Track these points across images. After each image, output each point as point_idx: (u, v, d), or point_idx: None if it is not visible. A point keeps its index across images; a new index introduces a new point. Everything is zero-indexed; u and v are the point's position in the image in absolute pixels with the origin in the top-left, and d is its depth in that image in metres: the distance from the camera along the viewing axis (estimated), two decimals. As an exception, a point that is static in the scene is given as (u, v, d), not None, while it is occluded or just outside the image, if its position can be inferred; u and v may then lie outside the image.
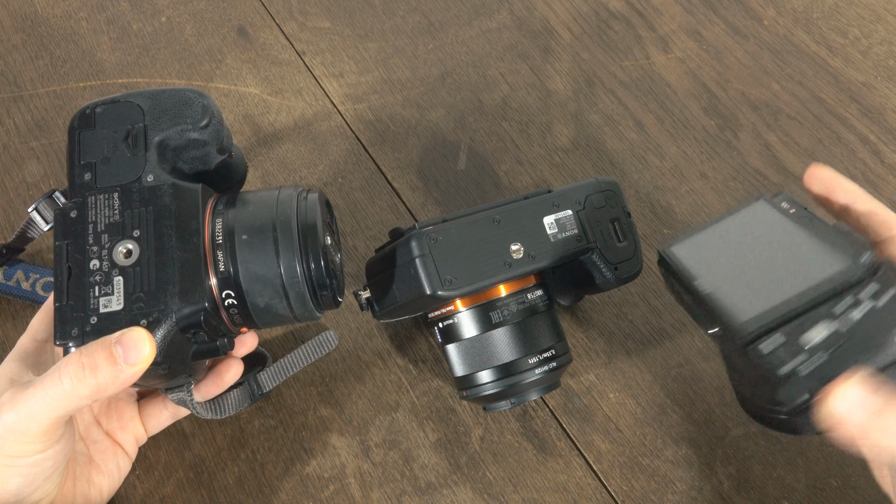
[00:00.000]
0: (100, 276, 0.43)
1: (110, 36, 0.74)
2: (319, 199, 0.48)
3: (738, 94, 0.69)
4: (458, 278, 0.48)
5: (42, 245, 0.63)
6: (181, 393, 0.48)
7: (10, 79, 0.71)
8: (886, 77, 0.69)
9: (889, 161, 0.65)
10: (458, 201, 0.65)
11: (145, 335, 0.41)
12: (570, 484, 0.54)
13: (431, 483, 0.54)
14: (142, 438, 0.53)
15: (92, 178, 0.45)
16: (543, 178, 0.65)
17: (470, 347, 0.51)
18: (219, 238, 0.45)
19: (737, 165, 0.65)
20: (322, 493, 0.54)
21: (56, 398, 0.41)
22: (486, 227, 0.49)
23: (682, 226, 0.63)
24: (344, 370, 0.58)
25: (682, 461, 0.54)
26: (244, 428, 0.56)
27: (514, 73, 0.71)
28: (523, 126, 0.68)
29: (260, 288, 0.45)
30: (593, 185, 0.53)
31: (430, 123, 0.68)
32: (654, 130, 0.67)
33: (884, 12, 0.73)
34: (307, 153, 0.67)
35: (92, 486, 0.49)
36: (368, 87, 0.70)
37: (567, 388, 0.57)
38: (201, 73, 0.71)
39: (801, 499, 0.52)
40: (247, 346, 0.53)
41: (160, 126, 0.46)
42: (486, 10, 0.75)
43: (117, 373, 0.40)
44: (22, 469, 0.43)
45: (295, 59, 0.72)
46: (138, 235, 0.44)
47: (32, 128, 0.69)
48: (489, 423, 0.56)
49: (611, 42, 0.72)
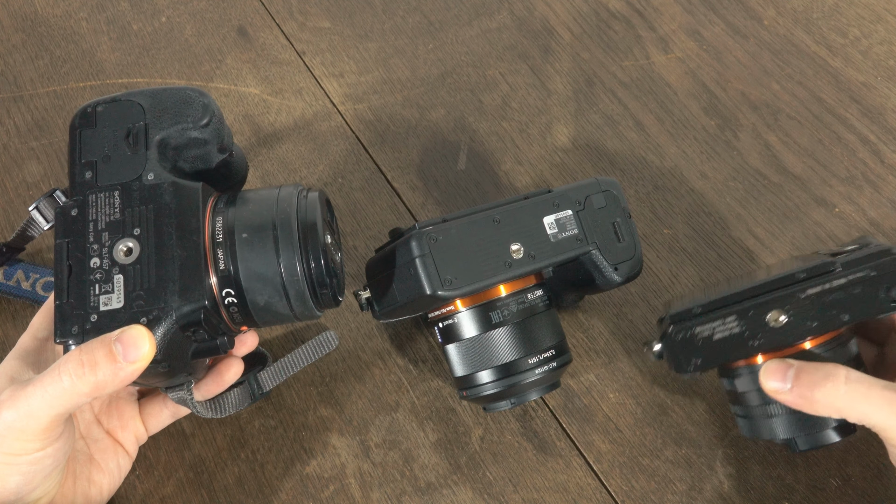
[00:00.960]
0: (100, 274, 0.43)
1: (110, 36, 0.74)
2: (320, 197, 0.48)
3: (738, 94, 0.69)
4: (459, 278, 0.48)
5: (42, 245, 0.63)
6: (181, 392, 0.48)
7: (10, 79, 0.71)
8: (886, 77, 0.69)
9: (889, 161, 0.65)
10: (458, 201, 0.65)
11: (145, 333, 0.41)
12: (570, 484, 0.54)
13: (431, 483, 0.54)
14: (142, 437, 0.53)
15: (93, 176, 0.45)
16: (543, 178, 0.65)
17: (470, 347, 0.51)
18: (219, 236, 0.45)
19: (737, 165, 0.65)
20: (322, 493, 0.54)
21: (56, 396, 0.41)
22: (486, 227, 0.49)
23: (683, 226, 0.63)
24: (344, 370, 0.58)
25: (682, 461, 0.54)
26: (244, 428, 0.56)
27: (514, 73, 0.71)
28: (523, 126, 0.68)
29: (260, 286, 0.45)
30: (593, 185, 0.53)
31: (430, 123, 0.68)
32: (654, 130, 0.67)
33: (884, 12, 0.73)
34: (307, 153, 0.67)
35: (92, 484, 0.49)
36: (368, 87, 0.71)
37: (567, 388, 0.57)
38: (201, 73, 0.72)
39: (801, 499, 0.52)
40: (247, 346, 0.53)
41: (161, 125, 0.46)
42: (486, 10, 0.75)
43: (117, 370, 0.40)
44: (21, 467, 0.43)
45: (295, 59, 0.72)
46: (139, 234, 0.44)
47: (32, 128, 0.69)
48: (489, 423, 0.56)
49: (611, 42, 0.72)
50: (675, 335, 0.48)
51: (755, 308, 0.46)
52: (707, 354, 0.47)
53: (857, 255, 0.46)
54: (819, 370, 0.44)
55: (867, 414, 0.42)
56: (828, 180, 0.64)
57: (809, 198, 0.64)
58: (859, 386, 0.42)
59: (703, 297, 0.49)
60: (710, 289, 0.52)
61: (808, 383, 0.43)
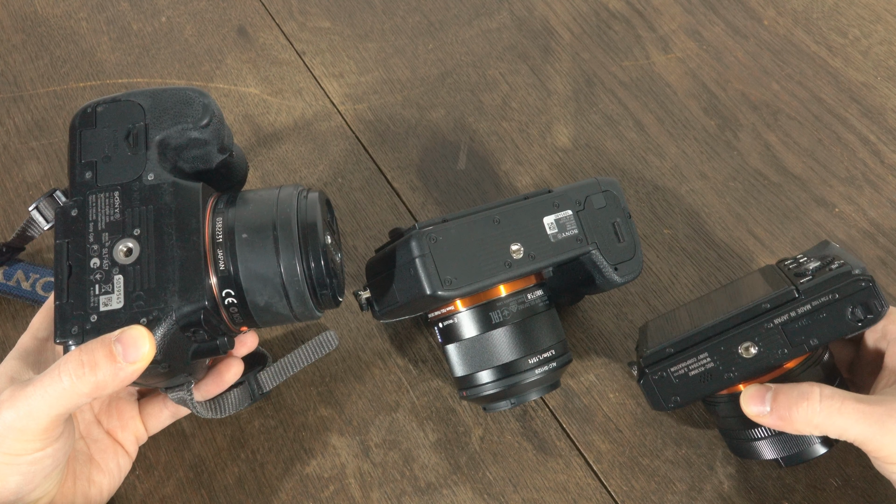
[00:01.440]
0: (100, 275, 0.43)
1: (110, 36, 0.74)
2: (320, 198, 0.48)
3: (738, 94, 0.69)
4: (459, 278, 0.48)
5: (42, 245, 0.63)
6: (181, 392, 0.48)
7: (10, 79, 0.71)
8: (886, 77, 0.69)
9: (889, 161, 0.65)
10: (458, 201, 0.65)
11: (145, 333, 0.41)
12: (570, 484, 0.54)
13: (431, 483, 0.54)
14: (142, 437, 0.53)
15: (93, 176, 0.45)
16: (543, 178, 0.65)
17: (470, 347, 0.51)
18: (219, 237, 0.45)
19: (737, 165, 0.65)
20: (322, 493, 0.54)
21: (55, 396, 0.41)
22: (487, 227, 0.49)
23: (683, 226, 0.63)
24: (344, 370, 0.58)
25: (682, 461, 0.54)
26: (244, 428, 0.56)
27: (514, 73, 0.71)
28: (523, 126, 0.68)
29: (260, 287, 0.45)
30: (593, 185, 0.53)
31: (430, 123, 0.68)
32: (654, 130, 0.67)
33: (884, 12, 0.73)
34: (307, 153, 0.67)
35: (92, 484, 0.49)
36: (368, 87, 0.71)
37: (567, 388, 0.57)
38: (201, 73, 0.72)
39: (801, 499, 0.52)
40: (247, 346, 0.53)
41: (161, 125, 0.46)
42: (486, 10, 0.75)
43: (117, 371, 0.40)
44: (21, 467, 0.43)
45: (295, 59, 0.72)
46: (139, 234, 0.44)
47: (32, 128, 0.69)
48: (489, 423, 0.56)
49: (611, 42, 0.72)
50: (651, 376, 0.49)
51: (725, 343, 0.47)
52: (686, 391, 0.49)
53: (819, 280, 0.46)
54: (794, 390, 0.45)
55: (844, 429, 0.44)
56: (828, 180, 0.64)
57: (809, 198, 0.64)
58: (833, 402, 0.44)
59: (674, 332, 0.50)
60: (677, 320, 0.53)
61: (786, 404, 0.45)
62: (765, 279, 0.51)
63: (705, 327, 0.48)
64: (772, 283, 0.49)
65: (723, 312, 0.48)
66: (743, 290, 0.52)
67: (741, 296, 0.51)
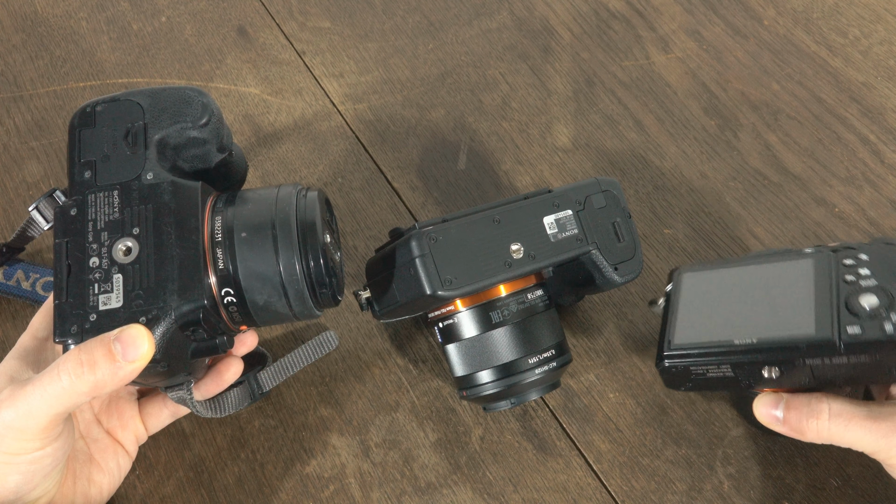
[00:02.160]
0: (99, 274, 0.43)
1: (110, 36, 0.74)
2: (319, 197, 0.48)
3: (738, 94, 0.69)
4: (459, 278, 0.48)
5: (42, 245, 0.63)
6: (181, 391, 0.48)
7: (10, 79, 0.71)
8: (886, 77, 0.69)
9: (889, 161, 0.65)
10: (458, 201, 0.65)
11: (144, 332, 0.41)
12: (570, 484, 0.54)
13: (431, 483, 0.54)
14: (142, 437, 0.53)
15: (92, 176, 0.45)
16: (543, 178, 0.65)
17: (470, 347, 0.51)
18: (218, 236, 0.45)
19: (737, 165, 0.65)
20: (322, 493, 0.54)
21: (55, 395, 0.41)
22: (487, 226, 0.49)
23: (683, 226, 0.63)
24: (344, 370, 0.58)
25: (682, 461, 0.54)
26: (244, 428, 0.56)
27: (514, 73, 0.71)
28: (523, 126, 0.68)
29: (259, 286, 0.45)
30: (593, 185, 0.53)
31: (430, 123, 0.68)
32: (654, 130, 0.67)
33: (884, 12, 0.73)
34: (307, 153, 0.67)
35: (92, 484, 0.49)
36: (368, 87, 0.71)
37: (567, 388, 0.57)
38: (201, 73, 0.72)
39: (801, 499, 0.52)
40: (246, 345, 0.53)
41: (160, 124, 0.46)
42: (486, 10, 0.75)
43: (116, 370, 0.40)
44: (21, 466, 0.42)
45: (295, 59, 0.72)
46: (138, 233, 0.44)
47: (32, 128, 0.69)
48: (489, 423, 0.56)
49: (611, 42, 0.72)
50: (671, 368, 0.49)
51: (750, 364, 0.47)
52: (699, 384, 0.49)
53: (865, 339, 0.43)
54: (805, 406, 0.46)
55: (853, 442, 0.45)
56: (828, 180, 0.64)
57: (809, 198, 0.64)
58: (840, 420, 0.45)
59: (705, 330, 0.49)
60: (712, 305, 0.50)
61: (796, 418, 0.46)
62: (815, 286, 0.47)
63: (737, 346, 0.47)
64: (818, 302, 0.46)
65: (759, 329, 0.47)
66: (787, 291, 0.48)
67: (780, 307, 0.47)
